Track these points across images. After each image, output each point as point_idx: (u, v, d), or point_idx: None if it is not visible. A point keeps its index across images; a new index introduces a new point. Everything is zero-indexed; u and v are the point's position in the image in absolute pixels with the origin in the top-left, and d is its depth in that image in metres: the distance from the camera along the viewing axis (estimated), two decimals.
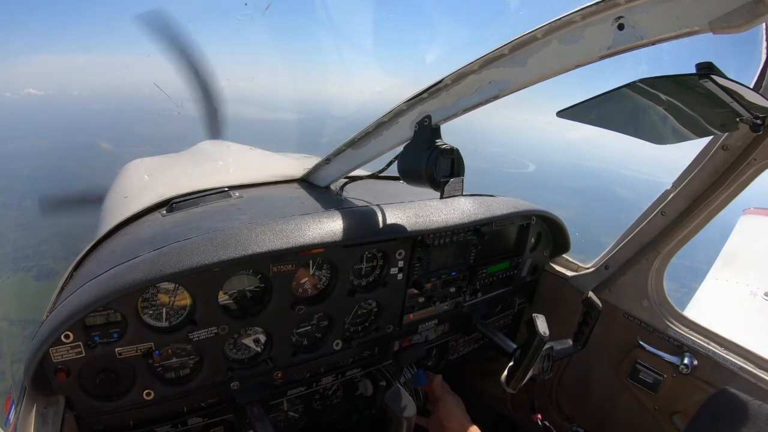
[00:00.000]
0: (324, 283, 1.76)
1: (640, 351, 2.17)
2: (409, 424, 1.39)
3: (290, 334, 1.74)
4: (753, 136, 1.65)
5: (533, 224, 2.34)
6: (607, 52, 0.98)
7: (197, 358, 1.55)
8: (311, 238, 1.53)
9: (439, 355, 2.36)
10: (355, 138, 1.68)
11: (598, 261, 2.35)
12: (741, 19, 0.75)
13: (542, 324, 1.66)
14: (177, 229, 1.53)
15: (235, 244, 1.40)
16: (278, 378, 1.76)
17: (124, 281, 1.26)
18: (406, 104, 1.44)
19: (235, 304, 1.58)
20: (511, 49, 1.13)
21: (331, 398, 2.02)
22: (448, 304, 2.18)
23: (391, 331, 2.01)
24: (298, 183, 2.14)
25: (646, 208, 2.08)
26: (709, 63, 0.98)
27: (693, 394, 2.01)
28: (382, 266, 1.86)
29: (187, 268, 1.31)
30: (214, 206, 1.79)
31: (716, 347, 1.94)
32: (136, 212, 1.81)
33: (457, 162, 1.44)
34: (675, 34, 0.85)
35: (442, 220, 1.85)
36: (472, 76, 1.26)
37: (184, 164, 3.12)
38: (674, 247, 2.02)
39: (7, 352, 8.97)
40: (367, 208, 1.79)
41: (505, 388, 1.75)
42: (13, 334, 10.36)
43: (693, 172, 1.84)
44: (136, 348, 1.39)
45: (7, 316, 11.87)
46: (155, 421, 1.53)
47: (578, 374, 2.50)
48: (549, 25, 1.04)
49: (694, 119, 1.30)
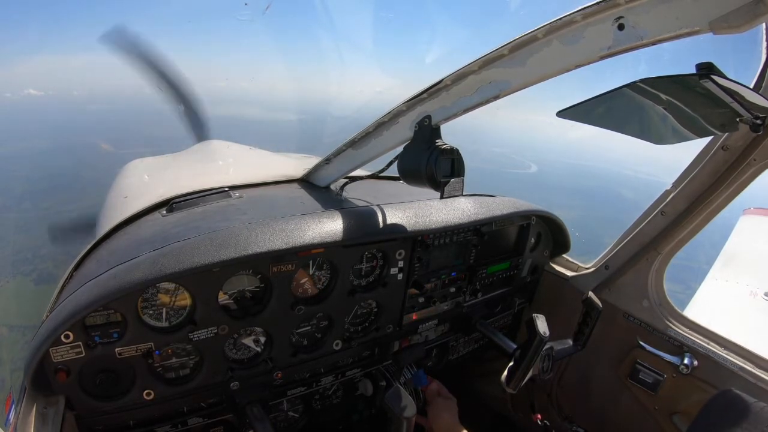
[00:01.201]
0: (324, 283, 1.76)
1: (640, 351, 2.17)
2: (409, 424, 1.39)
3: (290, 334, 1.74)
4: (753, 136, 1.65)
5: (533, 224, 2.34)
6: (607, 52, 0.98)
7: (197, 358, 1.55)
8: (311, 238, 1.53)
9: (439, 355, 2.36)
10: (355, 138, 1.68)
11: (598, 261, 2.35)
12: (741, 19, 0.75)
13: (542, 324, 1.66)
14: (177, 229, 1.53)
15: (235, 244, 1.40)
16: (278, 378, 1.76)
17: (124, 281, 1.26)
18: (406, 104, 1.44)
19: (235, 304, 1.58)
20: (511, 49, 1.13)
21: (331, 398, 2.02)
22: (448, 305, 2.18)
23: (391, 331, 2.01)
24: (298, 183, 2.14)
25: (646, 208, 2.08)
26: (709, 63, 0.98)
27: (693, 394, 2.01)
28: (382, 266, 1.86)
29: (187, 268, 1.31)
30: (214, 206, 1.79)
31: (716, 347, 1.94)
32: (136, 212, 1.81)
33: (457, 162, 1.44)
34: (675, 34, 0.85)
35: (442, 220, 1.85)
36: (472, 76, 1.26)
37: (184, 164, 3.12)
38: (674, 247, 2.02)
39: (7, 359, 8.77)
40: (367, 208, 1.79)
41: (505, 388, 1.75)
42: (13, 341, 10.11)
43: (693, 172, 1.84)
44: (136, 348, 1.39)
45: (7, 321, 11.62)
46: (155, 421, 1.53)
47: (578, 374, 2.50)
48: (549, 25, 1.04)
49: (694, 119, 1.30)
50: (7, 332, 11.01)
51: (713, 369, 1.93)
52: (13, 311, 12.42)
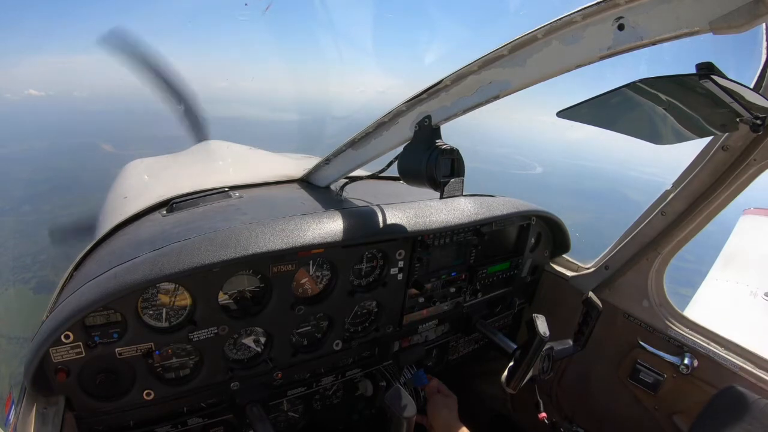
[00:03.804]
0: (324, 283, 1.76)
1: (640, 351, 2.17)
2: (409, 424, 1.39)
3: (290, 335, 1.74)
4: (753, 136, 1.65)
5: (533, 224, 2.34)
6: (607, 52, 0.98)
7: (197, 358, 1.55)
8: (311, 239, 1.53)
9: (439, 355, 2.36)
10: (355, 138, 1.68)
11: (598, 261, 2.35)
12: (741, 19, 0.75)
13: (542, 324, 1.66)
14: (177, 230, 1.53)
15: (235, 245, 1.40)
16: (278, 378, 1.76)
17: (124, 281, 1.26)
18: (406, 105, 1.44)
19: (235, 304, 1.58)
20: (511, 49, 1.13)
21: (331, 398, 2.02)
22: (448, 305, 2.18)
23: (391, 331, 2.01)
24: (298, 183, 2.14)
25: (646, 209, 2.08)
26: (709, 63, 0.98)
27: (693, 395, 2.00)
28: (382, 266, 1.86)
29: (187, 269, 1.31)
30: (214, 206, 1.79)
31: (716, 347, 1.94)
32: (136, 212, 1.82)
33: (457, 162, 1.44)
34: (675, 35, 0.85)
35: (442, 221, 1.85)
36: (472, 76, 1.26)
37: (184, 164, 3.12)
38: (674, 247, 2.02)
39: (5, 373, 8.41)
40: (367, 209, 1.79)
41: (505, 388, 1.75)
42: (12, 353, 9.76)
43: (693, 172, 1.84)
44: (136, 348, 1.39)
45: (5, 332, 11.29)
46: (155, 422, 1.53)
47: (578, 374, 2.50)
48: (549, 25, 1.04)
49: (694, 119, 1.30)
50: (6, 343, 10.65)
51: (713, 369, 1.93)
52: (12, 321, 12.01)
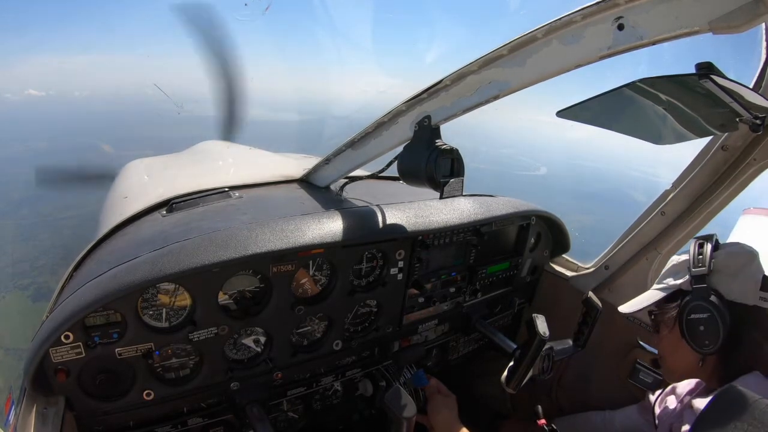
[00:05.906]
0: (324, 283, 1.76)
1: (640, 351, 2.16)
2: (409, 424, 1.39)
3: (290, 335, 1.74)
4: (753, 136, 1.65)
5: (533, 224, 2.34)
6: (607, 52, 0.97)
7: (197, 358, 1.55)
8: (311, 239, 1.53)
9: (438, 355, 2.36)
10: (354, 138, 1.68)
11: (598, 261, 2.35)
12: (741, 19, 0.75)
13: (542, 324, 1.66)
14: (177, 230, 1.53)
15: (235, 245, 1.40)
16: (278, 378, 1.76)
17: (124, 281, 1.26)
18: (406, 105, 1.44)
19: (235, 304, 1.58)
20: (511, 49, 1.13)
21: (331, 398, 2.02)
22: (448, 305, 2.18)
23: (390, 331, 2.01)
24: (298, 183, 2.14)
25: (646, 208, 2.08)
26: (709, 63, 0.98)
27: None
28: (382, 266, 1.86)
29: (187, 269, 1.31)
30: (214, 206, 1.79)
31: None
32: (136, 212, 1.81)
33: (456, 162, 1.44)
34: (675, 34, 0.85)
35: (441, 221, 1.85)
36: (471, 76, 1.26)
37: (183, 164, 3.12)
38: (674, 247, 2.02)
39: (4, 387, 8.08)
40: (366, 209, 1.79)
41: (505, 388, 1.75)
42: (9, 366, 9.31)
43: (693, 172, 1.84)
44: (136, 348, 1.39)
45: (3, 343, 10.87)
46: (155, 422, 1.53)
47: (578, 374, 2.50)
48: (549, 25, 1.03)
49: (694, 119, 1.30)
50: (3, 355, 10.34)
51: None
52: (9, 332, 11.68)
